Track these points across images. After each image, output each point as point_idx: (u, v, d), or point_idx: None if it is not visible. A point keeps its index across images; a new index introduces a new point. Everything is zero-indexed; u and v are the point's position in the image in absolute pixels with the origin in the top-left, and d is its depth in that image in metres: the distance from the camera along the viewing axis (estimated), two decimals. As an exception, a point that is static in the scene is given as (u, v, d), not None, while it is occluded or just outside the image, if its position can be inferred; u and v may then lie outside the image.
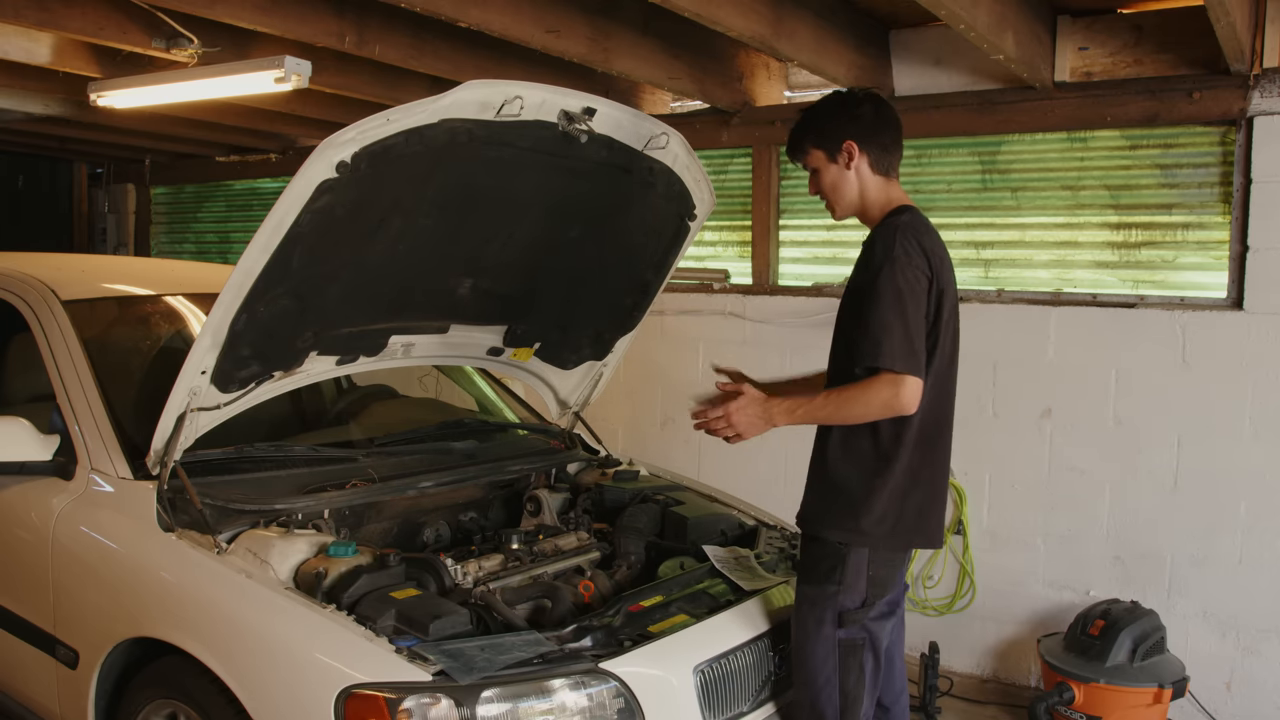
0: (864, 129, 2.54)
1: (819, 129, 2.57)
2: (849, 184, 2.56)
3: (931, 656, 4.10)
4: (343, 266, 2.65)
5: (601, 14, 4.06)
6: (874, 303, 2.35)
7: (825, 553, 2.47)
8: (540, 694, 2.17)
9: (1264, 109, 3.87)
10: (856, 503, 2.44)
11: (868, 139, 2.54)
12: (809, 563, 2.52)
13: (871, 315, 2.35)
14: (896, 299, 2.34)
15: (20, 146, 7.51)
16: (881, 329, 2.33)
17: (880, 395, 2.33)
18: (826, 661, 2.47)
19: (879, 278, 2.37)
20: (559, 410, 3.70)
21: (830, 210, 2.62)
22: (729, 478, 4.16)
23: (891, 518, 2.44)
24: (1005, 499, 4.47)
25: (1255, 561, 3.97)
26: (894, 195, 2.58)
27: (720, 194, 4.56)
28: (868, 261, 2.44)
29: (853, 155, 2.53)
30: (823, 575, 2.47)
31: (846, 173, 2.55)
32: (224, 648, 2.32)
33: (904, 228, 2.44)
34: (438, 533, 3.01)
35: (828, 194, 2.60)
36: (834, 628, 2.45)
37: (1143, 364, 4.15)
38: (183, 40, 3.98)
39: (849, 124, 2.54)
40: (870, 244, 2.48)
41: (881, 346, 2.32)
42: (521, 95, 2.49)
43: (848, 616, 2.45)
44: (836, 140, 2.54)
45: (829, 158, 2.56)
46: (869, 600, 2.47)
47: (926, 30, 4.48)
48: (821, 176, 2.59)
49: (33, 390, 3.23)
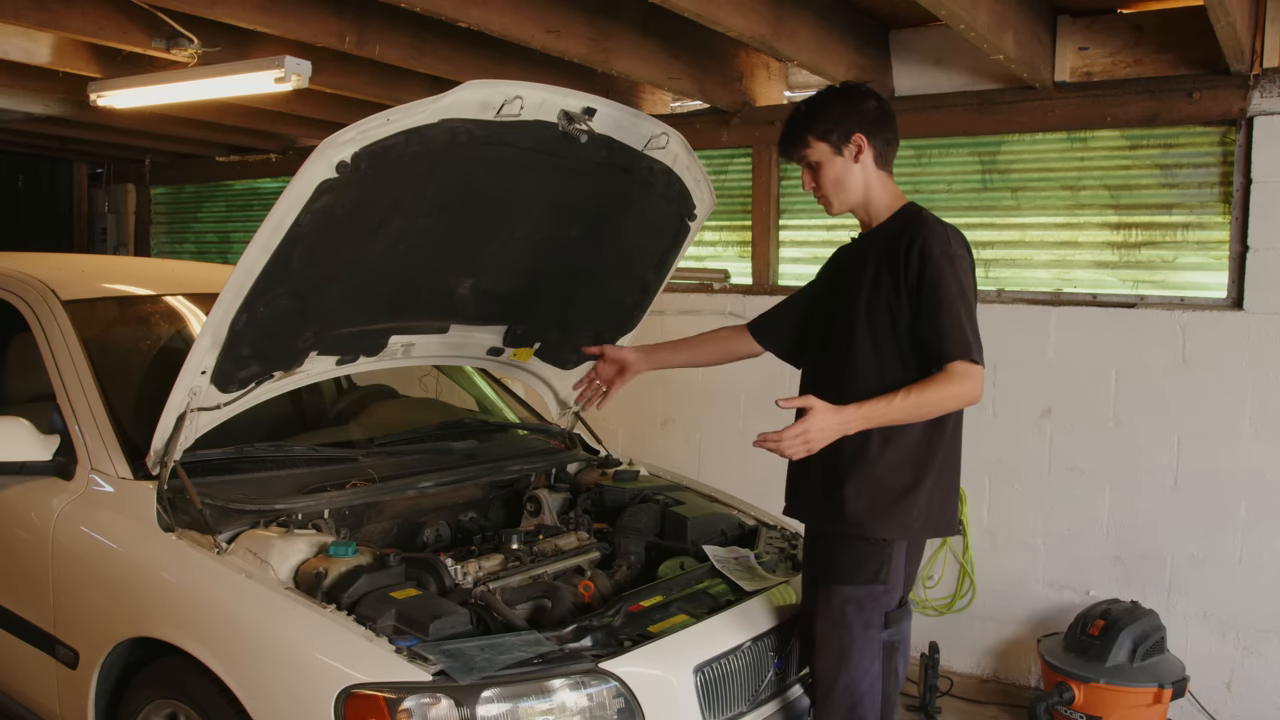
0: (871, 122, 2.50)
1: (826, 121, 2.50)
2: (854, 178, 2.51)
3: (931, 656, 4.10)
4: (343, 266, 2.65)
5: (601, 14, 4.06)
6: (941, 298, 2.33)
7: (871, 552, 2.43)
8: (540, 694, 2.17)
9: (1264, 109, 3.87)
10: (906, 498, 2.42)
11: (874, 133, 2.50)
12: (852, 563, 2.45)
13: (943, 311, 2.32)
14: (961, 293, 2.34)
15: (20, 146, 7.51)
16: (957, 323, 2.32)
17: (963, 388, 2.30)
18: (873, 665, 2.43)
19: (941, 273, 2.35)
20: (559, 410, 3.70)
21: (826, 205, 2.57)
22: (729, 478, 4.15)
23: (932, 509, 2.45)
24: (1005, 499, 4.47)
25: (1255, 561, 3.97)
26: (897, 191, 2.56)
27: (720, 194, 4.56)
28: (919, 252, 2.38)
29: (861, 148, 2.49)
30: (869, 575, 2.43)
31: (853, 166, 2.50)
32: (224, 648, 2.32)
33: (945, 224, 2.44)
34: (438, 533, 3.00)
35: (828, 188, 2.54)
36: (880, 630, 2.43)
37: (1143, 364, 4.15)
38: (183, 40, 3.98)
39: (856, 116, 2.50)
40: (909, 240, 2.40)
41: (967, 340, 2.31)
42: (521, 95, 2.49)
43: (892, 616, 2.45)
44: (845, 132, 2.48)
45: (834, 150, 2.50)
46: (904, 599, 2.48)
47: (926, 30, 4.48)
48: (823, 170, 2.52)
49: (33, 390, 3.23)
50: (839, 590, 2.45)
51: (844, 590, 2.44)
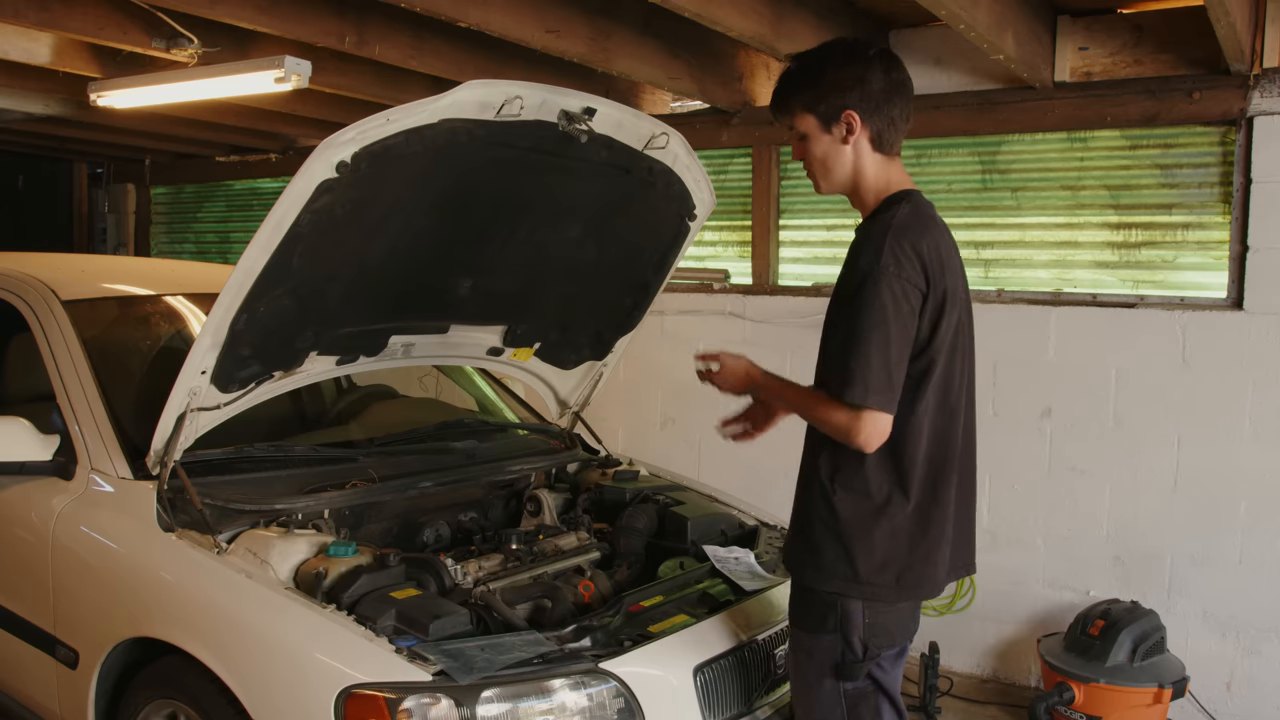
0: (870, 98, 2.12)
1: (815, 89, 2.14)
2: (842, 159, 2.17)
3: (931, 656, 4.10)
4: (343, 266, 2.65)
5: (601, 14, 4.06)
6: (853, 320, 2.03)
7: (816, 601, 2.17)
8: (540, 694, 2.17)
9: (1264, 109, 3.87)
10: (853, 548, 2.11)
11: (873, 111, 2.13)
12: (800, 607, 2.23)
13: (848, 337, 2.03)
14: (880, 322, 2.01)
15: (20, 146, 7.51)
16: (855, 356, 2.01)
17: (839, 421, 2.05)
18: (833, 713, 2.19)
19: (863, 290, 2.03)
20: (559, 410, 3.70)
21: (814, 183, 2.25)
22: (729, 478, 4.16)
23: (896, 566, 2.12)
24: (1005, 499, 4.47)
25: (1255, 561, 3.97)
26: (894, 178, 2.20)
27: (720, 194, 4.56)
28: (853, 264, 2.10)
29: (853, 128, 2.13)
30: (815, 623, 2.18)
31: (842, 147, 2.16)
32: (224, 648, 2.32)
33: (898, 229, 2.08)
34: (438, 533, 3.00)
35: (814, 166, 2.21)
36: (835, 680, 2.17)
37: (1143, 364, 4.15)
38: (183, 40, 3.98)
39: (853, 89, 2.12)
40: (858, 243, 2.14)
41: (853, 378, 2.01)
42: (521, 95, 2.49)
43: (847, 670, 2.15)
44: (835, 107, 2.13)
45: (822, 126, 2.15)
46: (871, 652, 2.15)
47: (926, 30, 4.47)
48: (810, 145, 2.19)
49: (33, 390, 3.23)
50: (794, 633, 2.26)
51: (794, 633, 2.26)
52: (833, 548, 2.14)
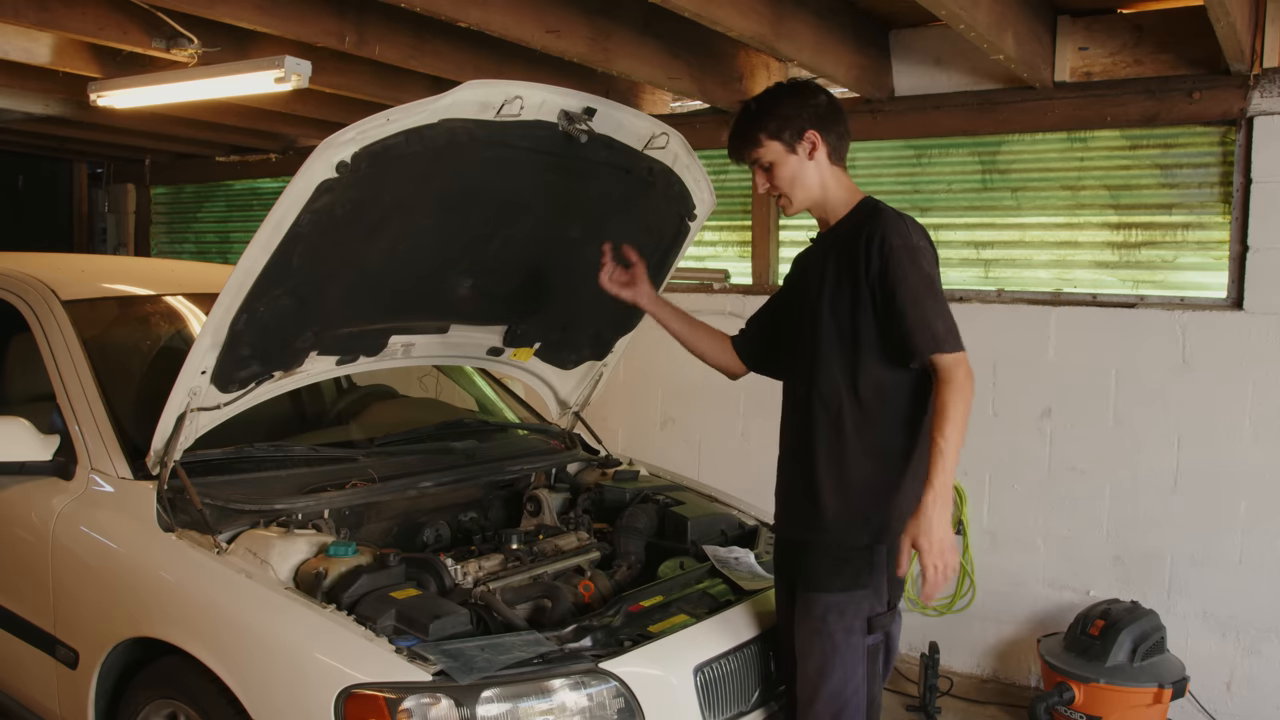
0: (823, 118, 2.45)
1: (778, 118, 2.45)
2: (809, 175, 2.46)
3: (931, 656, 4.10)
4: (343, 266, 2.65)
5: (601, 14, 4.05)
6: (906, 294, 2.26)
7: (851, 557, 2.36)
8: (540, 694, 2.17)
9: (1264, 109, 3.87)
10: (885, 501, 2.36)
11: (827, 128, 2.45)
12: (832, 569, 2.37)
13: (910, 308, 2.25)
14: (928, 285, 2.28)
15: (20, 146, 7.51)
16: (924, 320, 2.24)
17: (967, 385, 2.26)
18: (856, 672, 2.35)
19: (904, 268, 2.27)
20: (559, 410, 3.70)
21: (784, 205, 2.52)
22: (729, 478, 4.15)
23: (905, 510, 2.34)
24: (1005, 499, 4.47)
25: (1255, 561, 3.97)
26: (853, 186, 2.51)
27: (720, 194, 4.55)
28: (870, 252, 2.31)
29: (815, 144, 2.44)
30: (849, 581, 2.35)
31: (808, 163, 2.45)
32: (224, 648, 2.32)
33: (903, 216, 2.37)
34: (438, 533, 3.00)
35: (785, 188, 2.48)
36: (863, 635, 2.36)
37: (1143, 364, 4.15)
38: (183, 40, 3.97)
39: (808, 112, 2.45)
40: (868, 236, 2.33)
41: (936, 334, 2.24)
42: (521, 95, 2.49)
43: (876, 622, 2.37)
44: (798, 129, 2.43)
45: (788, 149, 2.45)
46: (892, 601, 2.41)
47: (926, 30, 4.48)
48: (778, 170, 2.47)
49: (33, 390, 3.23)
50: (819, 598, 2.37)
51: (824, 598, 2.36)
52: (869, 501, 2.37)
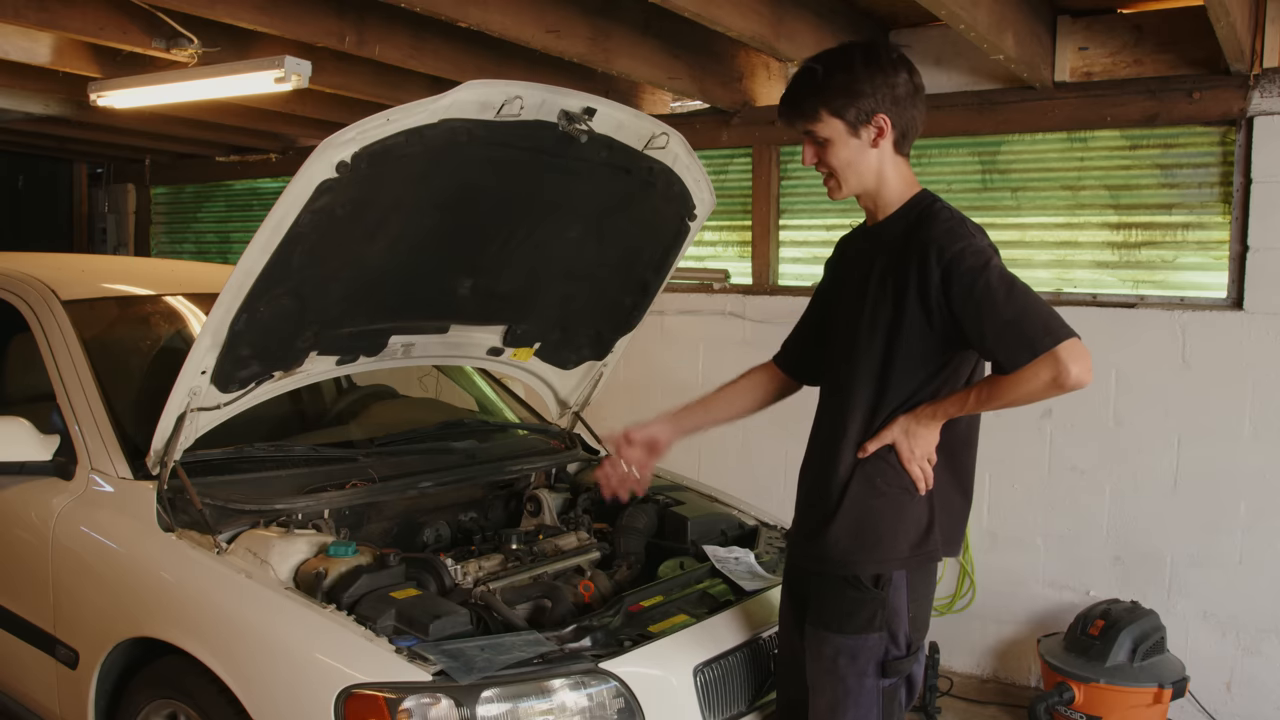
0: (899, 101, 2.12)
1: (847, 94, 2.11)
2: (867, 163, 2.16)
3: (931, 656, 4.10)
4: (343, 266, 2.65)
5: (601, 14, 4.06)
6: (992, 300, 1.98)
7: (863, 599, 2.14)
8: (540, 694, 2.17)
9: (1264, 109, 3.87)
10: (897, 523, 2.14)
11: (900, 114, 2.13)
12: (841, 611, 2.16)
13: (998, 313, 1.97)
14: (1010, 282, 1.99)
15: (20, 146, 7.51)
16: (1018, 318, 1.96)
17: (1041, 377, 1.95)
18: (870, 712, 2.17)
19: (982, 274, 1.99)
20: (559, 410, 3.70)
21: (832, 189, 2.22)
22: (729, 478, 4.16)
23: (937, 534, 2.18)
24: (1005, 499, 4.47)
25: (1255, 561, 3.97)
26: (913, 178, 2.24)
27: (720, 194, 4.56)
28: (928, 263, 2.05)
29: (883, 131, 2.13)
30: (861, 625, 2.14)
31: (869, 150, 2.15)
32: (224, 648, 2.32)
33: (956, 214, 2.16)
34: (438, 533, 3.00)
35: (838, 170, 2.17)
36: (878, 679, 2.15)
37: (1143, 364, 4.15)
38: (183, 40, 3.98)
39: (884, 93, 2.11)
40: (922, 244, 2.08)
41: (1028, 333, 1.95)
42: (521, 95, 2.49)
43: (891, 667, 2.16)
44: (867, 111, 2.11)
45: (851, 130, 2.13)
46: (913, 647, 2.18)
47: (926, 30, 4.48)
48: (833, 149, 2.15)
49: (33, 390, 3.23)
50: (830, 638, 2.17)
51: (835, 639, 2.17)
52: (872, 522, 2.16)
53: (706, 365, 5.21)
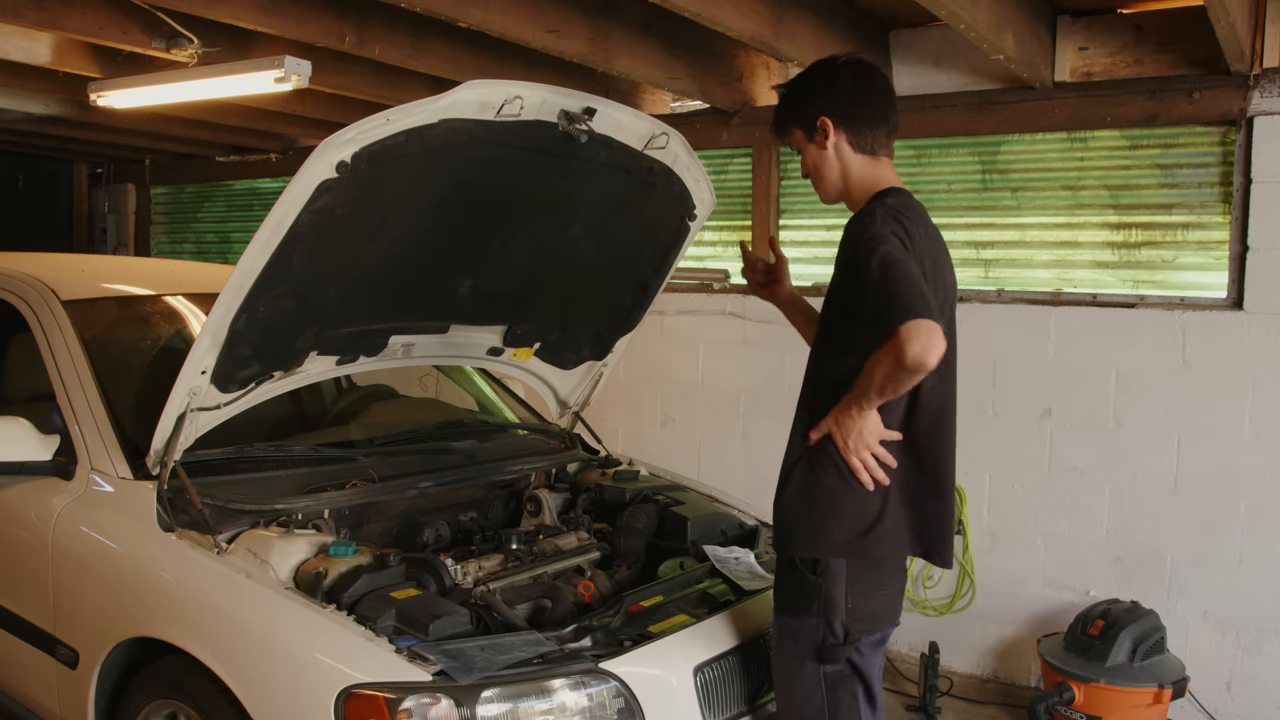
0: (839, 102, 2.29)
1: (796, 104, 2.34)
2: (829, 164, 2.32)
3: (931, 656, 4.10)
4: (343, 266, 2.65)
5: (601, 14, 4.06)
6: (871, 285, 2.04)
7: (803, 582, 2.24)
8: (540, 694, 2.17)
9: (1264, 109, 3.87)
10: (834, 509, 2.21)
11: (842, 113, 2.28)
12: (786, 591, 2.30)
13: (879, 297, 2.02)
14: (887, 269, 2.02)
15: (20, 146, 7.51)
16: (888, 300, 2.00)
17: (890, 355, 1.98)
18: (811, 699, 2.26)
19: (863, 266, 2.07)
20: (559, 410, 3.70)
21: (819, 194, 2.40)
22: (729, 478, 4.16)
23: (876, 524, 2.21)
24: (1005, 499, 4.47)
25: (1255, 561, 3.97)
26: (882, 176, 2.32)
27: (720, 194, 4.56)
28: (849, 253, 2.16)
29: (828, 133, 2.28)
30: (800, 607, 2.25)
31: (825, 153, 2.31)
32: (224, 648, 2.32)
33: (885, 209, 2.17)
34: (438, 533, 3.00)
35: (811, 176, 2.38)
36: (816, 663, 2.24)
37: (1143, 364, 4.15)
38: (183, 40, 3.98)
39: (823, 97, 2.30)
40: (850, 230, 2.20)
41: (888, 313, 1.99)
42: (521, 95, 2.49)
43: (828, 653, 2.23)
44: (810, 117, 2.29)
45: (808, 137, 2.32)
46: (851, 636, 2.23)
47: (926, 30, 4.48)
48: (805, 157, 2.36)
49: (33, 390, 3.23)
50: (779, 619, 2.32)
51: (780, 619, 2.32)
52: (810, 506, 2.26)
53: (706, 365, 5.22)
